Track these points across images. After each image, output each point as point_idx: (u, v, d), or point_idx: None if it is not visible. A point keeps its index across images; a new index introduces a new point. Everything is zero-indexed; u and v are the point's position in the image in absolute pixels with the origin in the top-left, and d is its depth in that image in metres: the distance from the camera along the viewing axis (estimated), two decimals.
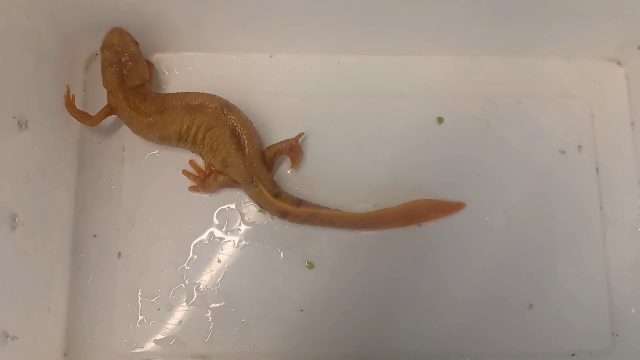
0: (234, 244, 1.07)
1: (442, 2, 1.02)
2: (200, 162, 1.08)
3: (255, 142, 1.02)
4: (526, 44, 1.13)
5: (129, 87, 1.01)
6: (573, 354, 1.05)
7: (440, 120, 1.12)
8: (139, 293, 1.04)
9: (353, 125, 1.11)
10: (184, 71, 1.13)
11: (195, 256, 1.06)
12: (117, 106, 1.02)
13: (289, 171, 1.09)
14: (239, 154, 1.00)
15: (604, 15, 1.04)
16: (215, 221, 1.07)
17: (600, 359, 1.05)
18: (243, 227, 1.07)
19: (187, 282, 1.05)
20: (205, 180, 1.06)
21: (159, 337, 1.03)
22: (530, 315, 1.05)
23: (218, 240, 1.07)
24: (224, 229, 1.07)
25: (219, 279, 1.05)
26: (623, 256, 1.08)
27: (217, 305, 1.04)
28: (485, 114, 1.12)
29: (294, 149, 1.07)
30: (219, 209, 1.08)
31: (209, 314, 1.04)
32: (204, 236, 1.07)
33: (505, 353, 1.04)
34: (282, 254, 1.06)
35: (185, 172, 1.08)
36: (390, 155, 1.10)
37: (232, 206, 1.07)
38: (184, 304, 1.04)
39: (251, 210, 1.07)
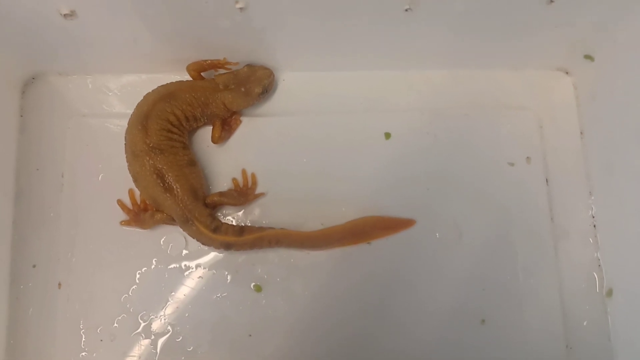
0: (180, 269, 1.04)
1: (384, 16, 1.00)
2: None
3: (186, 182, 0.98)
4: (472, 56, 1.11)
5: None
6: None
7: (387, 135, 1.10)
8: (81, 324, 1.01)
9: (300, 142, 1.09)
10: (125, 91, 1.11)
11: (139, 284, 1.03)
12: None
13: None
14: (167, 195, 0.97)
15: (546, 26, 1.04)
16: (160, 247, 1.04)
17: None
18: (188, 252, 1.04)
19: (131, 311, 1.02)
20: (140, 215, 1.03)
21: None
22: (484, 331, 1.04)
23: (162, 266, 1.04)
24: (168, 255, 1.04)
25: (164, 307, 1.02)
26: (575, 267, 1.07)
27: (163, 333, 1.01)
28: (432, 128, 1.11)
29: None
30: (163, 234, 1.04)
31: (154, 343, 1.01)
32: (148, 263, 1.03)
33: None
34: (229, 278, 1.04)
35: (120, 202, 1.05)
36: (338, 172, 1.08)
37: (177, 231, 1.04)
38: (128, 334, 1.01)
39: None
